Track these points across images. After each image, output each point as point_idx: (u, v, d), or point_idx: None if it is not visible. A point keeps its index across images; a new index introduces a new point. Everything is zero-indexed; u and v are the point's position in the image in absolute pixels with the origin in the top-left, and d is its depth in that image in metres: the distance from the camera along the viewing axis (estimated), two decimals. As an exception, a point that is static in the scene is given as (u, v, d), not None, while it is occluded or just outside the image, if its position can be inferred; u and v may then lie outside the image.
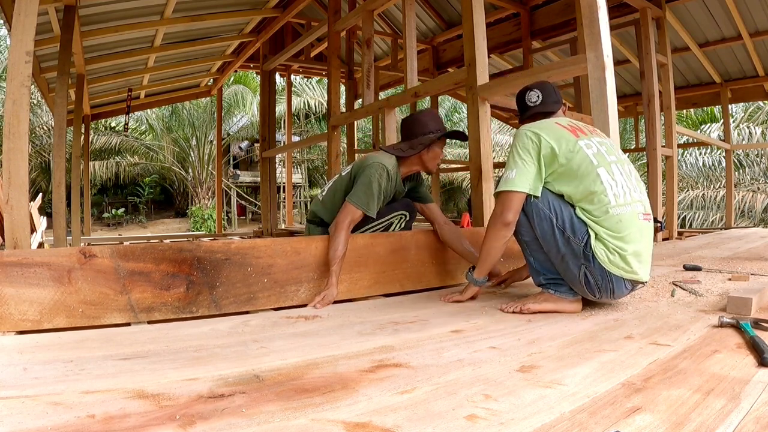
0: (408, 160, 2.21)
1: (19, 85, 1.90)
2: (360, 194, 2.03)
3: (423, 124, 2.21)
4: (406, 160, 2.21)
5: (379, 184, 2.05)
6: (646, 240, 1.63)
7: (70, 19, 3.95)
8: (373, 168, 2.05)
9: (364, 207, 2.02)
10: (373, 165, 2.06)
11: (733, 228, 6.12)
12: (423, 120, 2.23)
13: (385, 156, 2.14)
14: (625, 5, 4.44)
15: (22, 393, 0.91)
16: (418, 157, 2.20)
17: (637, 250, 1.57)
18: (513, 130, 13.76)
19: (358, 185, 2.05)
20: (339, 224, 1.97)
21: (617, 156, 1.70)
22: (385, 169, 2.07)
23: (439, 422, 0.79)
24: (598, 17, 2.07)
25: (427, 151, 2.18)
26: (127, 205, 17.40)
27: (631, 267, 1.56)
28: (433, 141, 2.16)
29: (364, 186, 2.04)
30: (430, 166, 2.23)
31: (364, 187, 2.03)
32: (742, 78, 6.08)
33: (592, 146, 1.64)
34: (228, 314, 1.71)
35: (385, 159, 2.11)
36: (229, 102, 15.63)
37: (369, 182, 2.03)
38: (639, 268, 1.58)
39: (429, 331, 1.41)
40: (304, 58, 6.75)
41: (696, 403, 0.85)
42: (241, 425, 0.78)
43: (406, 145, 2.20)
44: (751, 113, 12.02)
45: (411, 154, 2.17)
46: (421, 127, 2.20)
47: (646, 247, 1.62)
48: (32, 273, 1.47)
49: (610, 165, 1.63)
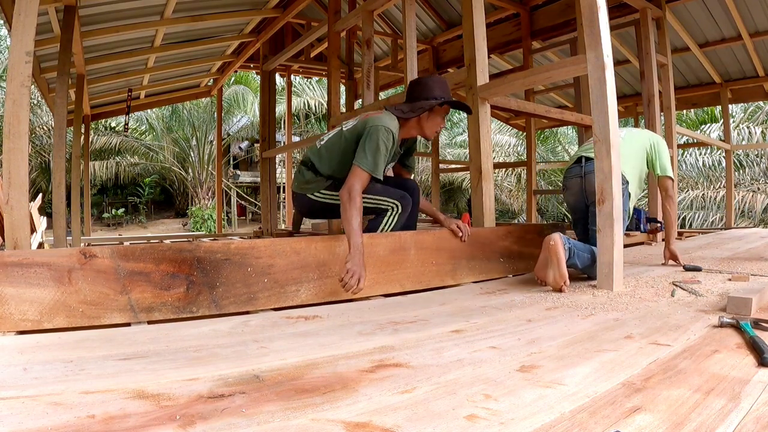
0: (408, 123, 2.18)
1: (19, 85, 1.90)
2: (369, 158, 2.03)
3: (428, 89, 2.17)
4: (406, 123, 2.18)
5: (386, 147, 2.05)
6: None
7: (70, 19, 3.95)
8: (380, 131, 2.05)
9: (372, 170, 2.03)
10: (380, 128, 2.06)
11: (733, 228, 6.12)
12: (429, 84, 2.19)
13: (389, 118, 2.12)
14: (625, 5, 4.44)
15: (23, 393, 0.91)
16: (417, 121, 2.17)
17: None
18: (513, 130, 13.76)
19: (366, 148, 2.04)
20: (352, 191, 1.96)
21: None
22: (390, 132, 2.07)
23: (439, 422, 0.79)
24: (598, 17, 2.07)
25: (427, 116, 2.16)
26: (127, 205, 17.39)
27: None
28: (433, 107, 2.13)
29: (371, 150, 2.03)
30: (428, 132, 2.20)
31: (372, 151, 2.03)
32: (742, 78, 6.08)
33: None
34: (228, 314, 1.71)
35: (389, 121, 2.10)
36: (229, 102, 15.63)
37: (377, 146, 2.03)
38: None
39: (429, 331, 1.41)
40: (304, 58, 6.75)
41: (696, 402, 0.85)
42: (241, 425, 0.78)
43: (408, 107, 2.18)
44: (751, 113, 12.02)
45: (410, 117, 2.15)
46: (426, 91, 2.17)
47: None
48: (32, 273, 1.47)
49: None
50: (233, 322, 1.58)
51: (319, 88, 16.50)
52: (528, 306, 1.77)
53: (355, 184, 1.98)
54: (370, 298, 2.03)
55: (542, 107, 3.71)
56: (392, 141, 2.08)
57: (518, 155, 14.67)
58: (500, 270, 2.52)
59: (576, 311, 1.65)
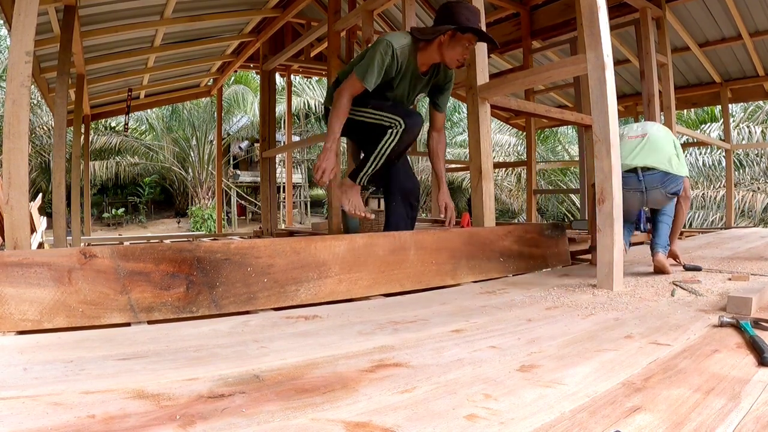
0: (429, 48, 2.12)
1: (19, 85, 1.90)
2: (362, 67, 2.10)
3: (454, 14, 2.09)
4: (426, 47, 2.12)
5: (382, 60, 2.06)
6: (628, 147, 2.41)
7: (70, 19, 3.95)
8: (379, 44, 2.09)
9: (361, 78, 2.08)
10: (380, 41, 2.10)
11: (733, 228, 6.12)
12: (456, 10, 2.10)
13: (401, 36, 2.12)
14: (625, 5, 4.43)
15: (23, 393, 0.91)
16: (437, 47, 2.10)
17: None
18: (513, 130, 13.76)
19: (364, 59, 2.12)
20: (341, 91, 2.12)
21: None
22: (390, 46, 2.07)
23: (439, 422, 0.79)
24: (598, 17, 2.07)
25: (448, 42, 2.08)
26: (127, 205, 17.40)
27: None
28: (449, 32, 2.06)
29: (367, 59, 2.10)
30: (448, 59, 2.13)
31: (367, 60, 2.10)
32: (742, 78, 6.08)
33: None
34: (228, 314, 1.71)
35: (396, 38, 2.10)
36: (229, 102, 15.63)
37: (372, 57, 2.08)
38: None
39: (429, 331, 1.41)
40: (304, 58, 6.75)
41: (696, 402, 0.85)
42: (241, 425, 0.78)
43: (430, 30, 2.12)
44: (751, 113, 12.02)
45: (423, 39, 2.09)
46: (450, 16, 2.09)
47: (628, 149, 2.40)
48: (32, 273, 1.47)
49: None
50: (233, 322, 1.58)
51: (319, 87, 16.50)
52: (528, 305, 1.76)
53: (345, 88, 2.11)
54: (370, 298, 2.03)
55: (542, 107, 3.71)
56: (391, 55, 2.07)
57: (518, 155, 14.68)
58: (500, 270, 2.52)
59: (576, 311, 1.65)
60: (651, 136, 2.48)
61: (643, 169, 2.39)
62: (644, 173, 2.39)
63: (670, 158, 2.41)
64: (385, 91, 2.24)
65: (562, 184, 13.89)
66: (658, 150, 2.43)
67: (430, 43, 2.09)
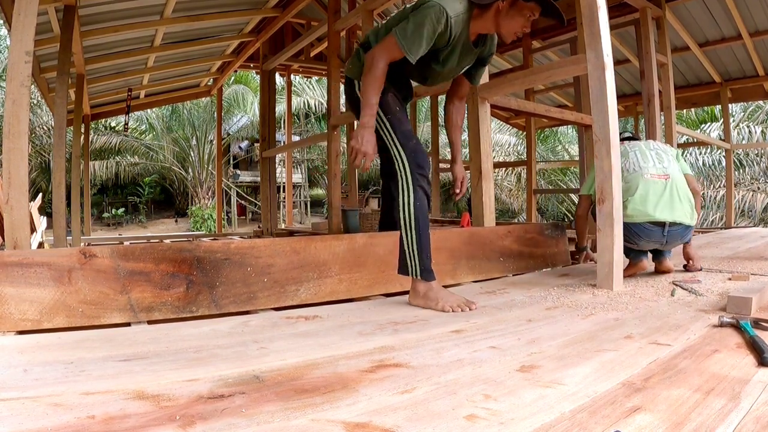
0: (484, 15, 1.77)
1: (19, 85, 1.90)
2: (408, 31, 1.69)
3: None
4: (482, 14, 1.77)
5: (433, 29, 1.69)
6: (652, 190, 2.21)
7: (70, 18, 3.95)
8: (432, 9, 1.68)
9: (406, 47, 1.69)
10: (434, 6, 1.68)
11: (733, 227, 6.12)
12: None
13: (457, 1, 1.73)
14: (625, 5, 4.44)
15: (23, 394, 0.91)
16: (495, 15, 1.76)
17: (641, 194, 2.18)
18: (513, 130, 13.76)
19: (410, 21, 1.71)
20: (375, 55, 1.71)
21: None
22: (444, 13, 1.68)
23: (439, 422, 0.79)
24: (598, 17, 2.07)
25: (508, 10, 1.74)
26: (127, 205, 17.39)
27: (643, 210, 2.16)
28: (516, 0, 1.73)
29: (414, 24, 1.69)
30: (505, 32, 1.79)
31: (415, 26, 1.69)
32: (742, 77, 6.09)
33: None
34: (228, 314, 1.71)
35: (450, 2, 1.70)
36: (229, 102, 15.62)
37: (422, 23, 1.68)
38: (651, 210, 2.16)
39: (429, 331, 1.41)
40: (304, 57, 6.75)
41: (696, 402, 0.85)
42: (241, 425, 0.78)
43: None
44: (751, 112, 12.02)
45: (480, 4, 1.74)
46: None
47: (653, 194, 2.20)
48: (32, 273, 1.47)
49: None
50: (233, 322, 1.58)
51: (319, 87, 16.49)
52: (528, 306, 1.76)
53: (380, 53, 1.71)
54: (370, 298, 2.03)
55: (542, 106, 3.72)
56: (444, 25, 1.69)
57: (518, 155, 14.67)
58: (500, 269, 2.52)
59: (576, 311, 1.65)
60: (673, 177, 2.27)
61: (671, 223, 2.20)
62: (671, 227, 2.20)
63: (692, 207, 2.27)
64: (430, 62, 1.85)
65: (562, 184, 13.89)
66: (681, 197, 2.24)
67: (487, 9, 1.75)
